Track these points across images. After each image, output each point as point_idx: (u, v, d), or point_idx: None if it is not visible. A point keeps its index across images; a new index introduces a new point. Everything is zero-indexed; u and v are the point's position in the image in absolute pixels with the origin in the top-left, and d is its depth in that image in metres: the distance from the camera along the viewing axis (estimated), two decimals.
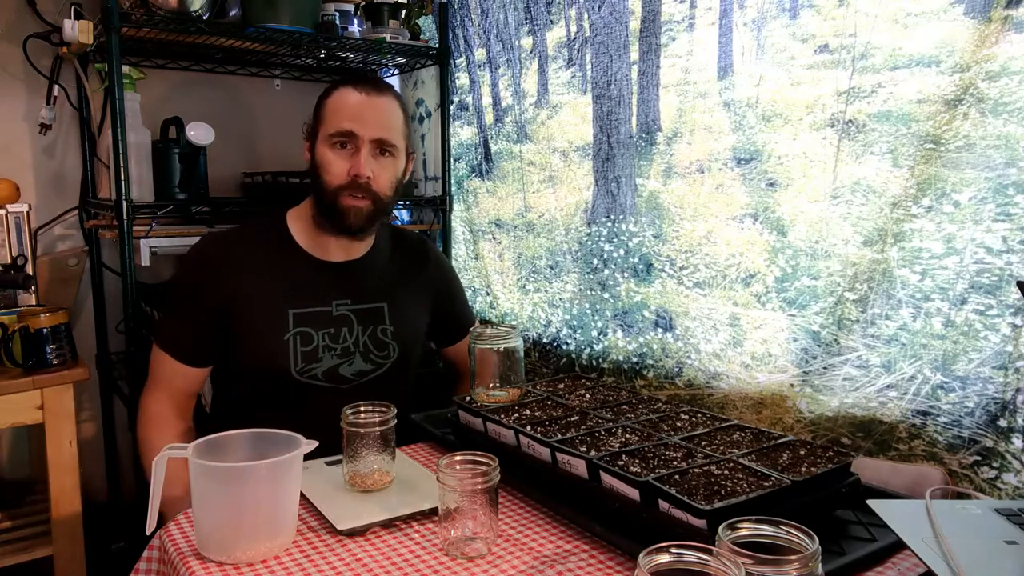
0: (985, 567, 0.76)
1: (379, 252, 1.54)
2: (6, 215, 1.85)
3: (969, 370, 1.09)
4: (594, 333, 1.76)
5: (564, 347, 1.85)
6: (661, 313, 1.59)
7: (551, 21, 1.83)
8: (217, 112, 2.27)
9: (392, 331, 1.50)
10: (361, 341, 1.46)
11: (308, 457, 0.99)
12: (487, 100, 2.07)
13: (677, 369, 1.55)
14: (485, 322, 2.13)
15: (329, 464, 1.20)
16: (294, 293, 1.42)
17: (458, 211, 2.23)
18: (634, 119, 1.63)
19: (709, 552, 0.65)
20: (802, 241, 1.31)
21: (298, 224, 1.48)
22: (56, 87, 2.06)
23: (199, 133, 1.91)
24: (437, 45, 2.16)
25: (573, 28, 1.77)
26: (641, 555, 0.64)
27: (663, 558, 0.64)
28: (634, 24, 1.61)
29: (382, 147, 1.40)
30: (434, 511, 1.00)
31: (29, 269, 1.87)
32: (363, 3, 2.05)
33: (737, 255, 1.42)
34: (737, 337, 1.43)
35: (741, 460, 0.97)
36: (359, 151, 1.38)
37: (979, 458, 1.08)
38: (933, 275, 1.13)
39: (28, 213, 1.89)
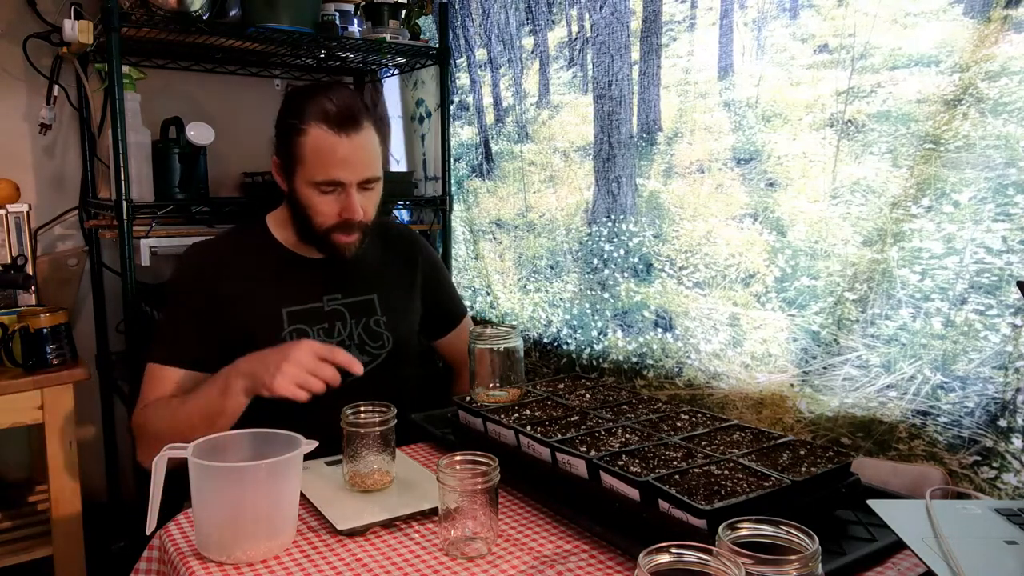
0: (985, 567, 0.76)
1: (364, 245, 1.53)
2: (6, 215, 1.85)
3: (969, 370, 1.09)
4: (594, 333, 1.76)
5: (564, 347, 1.85)
6: (661, 313, 1.59)
7: (552, 21, 1.83)
8: (217, 112, 2.27)
9: (384, 321, 1.51)
10: (355, 333, 1.48)
11: (308, 457, 0.99)
12: (488, 100, 2.07)
13: (677, 369, 1.55)
14: (485, 322, 2.13)
15: (329, 464, 1.20)
16: (285, 292, 1.44)
17: (458, 211, 2.23)
18: (635, 119, 1.63)
19: (709, 552, 0.65)
20: (802, 241, 1.31)
21: (279, 228, 1.49)
22: (56, 87, 2.06)
23: (199, 133, 1.91)
24: (437, 45, 2.16)
25: (574, 28, 1.77)
26: (641, 555, 0.64)
27: (663, 558, 0.64)
28: (635, 24, 1.61)
29: (367, 184, 1.41)
30: (434, 511, 1.01)
31: (29, 269, 1.87)
32: (363, 3, 2.05)
33: (737, 255, 1.42)
34: (737, 337, 1.43)
35: (741, 460, 0.97)
36: (348, 194, 1.38)
37: (979, 458, 1.08)
38: (933, 275, 1.13)
39: (28, 213, 1.89)
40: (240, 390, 1.23)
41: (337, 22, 1.94)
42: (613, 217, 1.69)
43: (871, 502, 0.89)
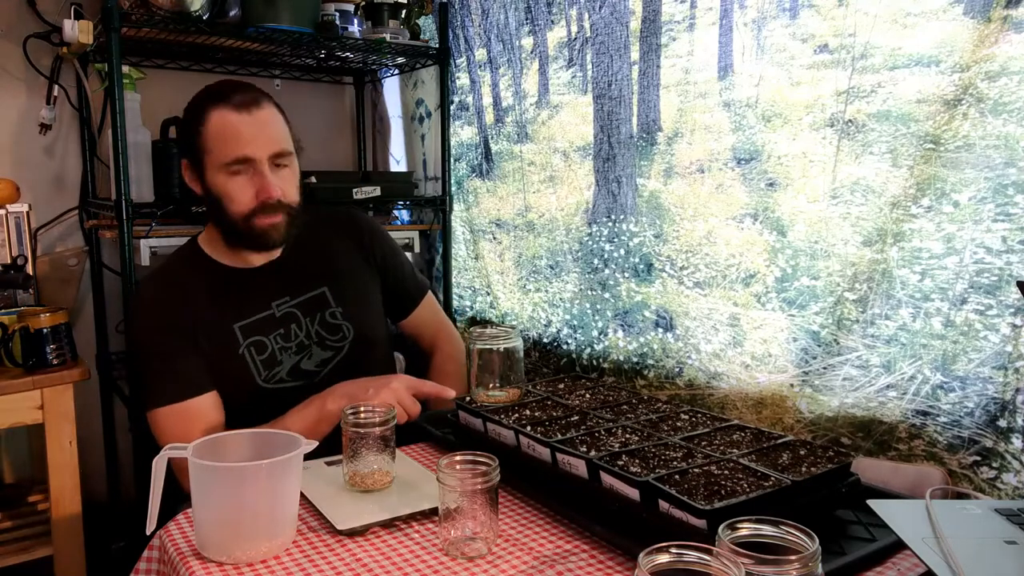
0: (985, 567, 0.76)
1: (304, 240, 1.49)
2: (6, 215, 1.85)
3: (969, 370, 1.09)
4: (594, 333, 1.76)
5: (564, 347, 1.85)
6: (661, 313, 1.59)
7: (552, 21, 1.83)
8: None
9: (341, 312, 1.48)
10: (312, 331, 1.45)
11: (308, 457, 0.99)
12: (487, 100, 2.07)
13: (677, 369, 1.55)
14: (485, 322, 2.13)
15: (329, 464, 1.20)
16: (234, 309, 1.41)
17: (458, 211, 2.23)
18: (635, 119, 1.63)
19: (709, 552, 0.65)
20: (802, 241, 1.31)
21: (211, 245, 1.46)
22: (56, 87, 2.06)
23: None
24: (437, 45, 2.16)
25: (574, 28, 1.77)
26: (641, 555, 0.64)
27: (663, 558, 0.64)
28: (635, 24, 1.61)
29: (279, 160, 1.37)
30: (434, 511, 1.01)
31: (29, 269, 1.87)
32: (363, 3, 2.05)
33: (737, 255, 1.42)
34: (737, 337, 1.43)
35: (741, 460, 0.97)
36: (260, 173, 1.34)
37: (979, 458, 1.08)
38: (933, 275, 1.13)
39: (28, 213, 1.89)
40: (339, 411, 1.23)
41: (337, 22, 1.94)
42: (613, 217, 1.69)
43: (871, 502, 0.89)
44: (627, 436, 1.07)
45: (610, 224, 1.70)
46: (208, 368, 1.37)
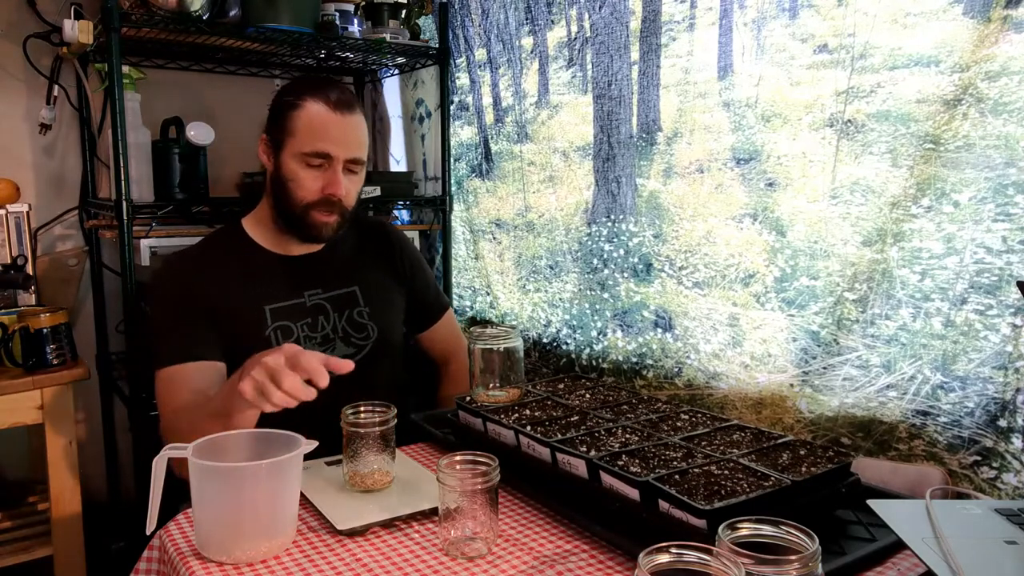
0: (985, 567, 0.76)
1: (342, 240, 1.54)
2: (6, 215, 1.86)
3: (969, 370, 1.09)
4: (594, 333, 1.76)
5: (564, 347, 1.85)
6: (661, 313, 1.59)
7: (552, 21, 1.83)
8: (217, 112, 2.27)
9: (368, 312, 1.51)
10: (339, 326, 1.48)
11: (308, 457, 0.99)
12: (487, 100, 2.07)
13: (677, 369, 1.55)
14: (485, 322, 2.13)
15: (329, 464, 1.20)
16: (267, 291, 1.44)
17: (458, 211, 2.23)
18: (634, 119, 1.63)
19: (709, 552, 0.65)
20: (801, 241, 1.31)
21: (257, 227, 1.50)
22: (56, 87, 2.06)
23: (199, 133, 1.91)
24: (437, 45, 2.16)
25: (574, 28, 1.77)
26: (641, 555, 0.64)
27: (663, 558, 0.64)
28: (635, 24, 1.61)
29: (352, 165, 1.43)
30: (434, 511, 1.01)
31: (29, 269, 1.87)
32: (363, 3, 2.05)
33: (736, 255, 1.42)
34: (737, 337, 1.43)
35: (741, 460, 0.97)
36: (333, 170, 1.40)
37: (979, 458, 1.08)
38: (933, 275, 1.13)
39: (28, 213, 1.90)
40: (245, 389, 1.11)
41: (337, 22, 1.93)
42: (613, 217, 1.69)
43: (871, 502, 0.89)
44: (627, 436, 1.07)
45: (609, 224, 1.70)
46: (225, 345, 1.38)
